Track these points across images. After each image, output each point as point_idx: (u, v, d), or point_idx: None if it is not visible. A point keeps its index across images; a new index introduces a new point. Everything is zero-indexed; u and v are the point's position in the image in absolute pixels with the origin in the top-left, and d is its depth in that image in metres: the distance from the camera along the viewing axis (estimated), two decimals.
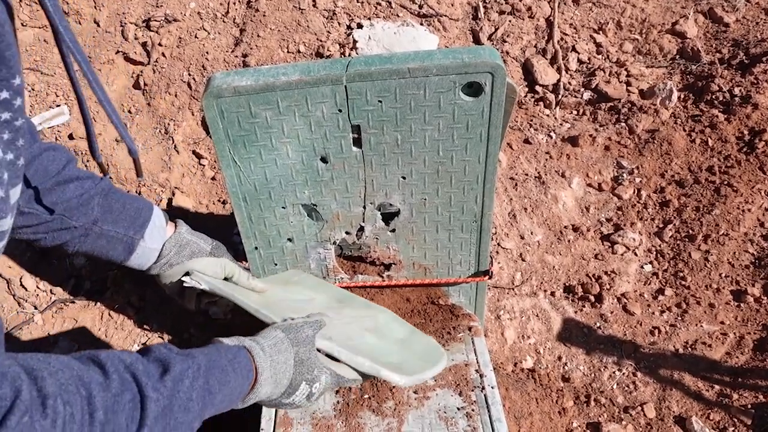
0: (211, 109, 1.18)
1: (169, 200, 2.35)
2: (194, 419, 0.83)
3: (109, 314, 2.08)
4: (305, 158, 1.27)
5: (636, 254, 2.09)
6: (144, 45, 2.71)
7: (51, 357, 0.70)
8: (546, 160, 2.27)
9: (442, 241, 1.43)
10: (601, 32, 2.54)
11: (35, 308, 2.21)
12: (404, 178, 1.31)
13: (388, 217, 1.41)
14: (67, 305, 2.17)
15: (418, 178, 1.31)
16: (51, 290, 2.26)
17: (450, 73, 1.14)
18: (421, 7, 2.52)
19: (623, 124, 2.30)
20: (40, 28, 2.85)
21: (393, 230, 1.42)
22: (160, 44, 2.65)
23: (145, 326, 2.03)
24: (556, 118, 2.37)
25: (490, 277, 1.47)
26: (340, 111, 1.19)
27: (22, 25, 2.85)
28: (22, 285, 2.27)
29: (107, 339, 2.03)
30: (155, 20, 2.68)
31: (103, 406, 0.68)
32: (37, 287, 2.27)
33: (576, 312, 2.00)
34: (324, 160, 1.28)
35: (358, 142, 1.25)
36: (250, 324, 1.23)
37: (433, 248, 1.45)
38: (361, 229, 1.42)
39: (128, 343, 2.02)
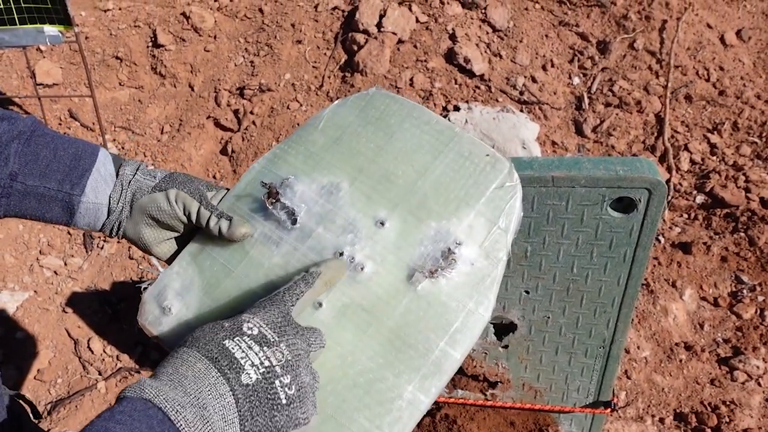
0: None
1: None
2: None
3: None
4: None
5: (759, 384, 1.84)
6: (236, 112, 2.70)
7: None
8: (654, 266, 2.07)
9: (561, 364, 1.26)
10: (715, 132, 2.37)
11: (99, 374, 2.12)
12: (527, 292, 1.16)
13: (501, 330, 1.25)
14: (132, 375, 2.07)
15: (544, 294, 1.16)
16: (117, 356, 2.17)
17: (600, 185, 1.00)
18: (522, 93, 2.42)
19: (742, 234, 2.09)
20: (136, 88, 2.90)
21: (505, 346, 1.26)
22: (251, 112, 2.64)
23: None
24: (665, 220, 2.19)
25: (612, 410, 1.28)
26: None
27: (120, 84, 2.91)
28: (89, 347, 2.19)
29: None
30: (249, 89, 2.68)
31: None
32: (104, 351, 2.19)
33: None
34: None
35: None
36: None
37: (549, 370, 1.27)
38: None
39: None
